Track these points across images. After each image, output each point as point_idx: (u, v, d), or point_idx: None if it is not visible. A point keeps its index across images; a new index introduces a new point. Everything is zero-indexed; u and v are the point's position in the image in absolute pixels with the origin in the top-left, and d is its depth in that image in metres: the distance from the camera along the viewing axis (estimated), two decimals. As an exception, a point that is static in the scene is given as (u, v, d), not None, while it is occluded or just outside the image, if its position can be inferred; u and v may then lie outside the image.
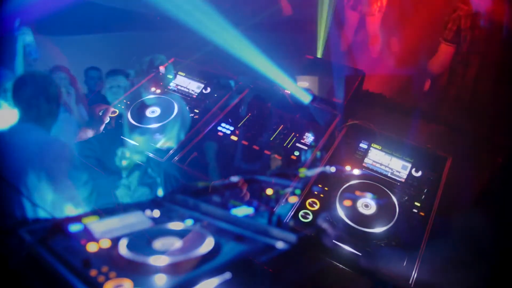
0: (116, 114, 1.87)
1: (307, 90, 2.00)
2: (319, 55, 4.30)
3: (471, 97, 2.53)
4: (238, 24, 2.35)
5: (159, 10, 2.71)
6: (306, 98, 1.90)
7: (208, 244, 0.77)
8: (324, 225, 1.42)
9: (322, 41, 4.46)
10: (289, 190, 1.53)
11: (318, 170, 1.62)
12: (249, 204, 1.46)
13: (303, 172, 1.61)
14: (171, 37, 2.78)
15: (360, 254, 1.35)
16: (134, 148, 1.73)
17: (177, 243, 0.77)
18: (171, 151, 1.71)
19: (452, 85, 2.60)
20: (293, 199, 1.52)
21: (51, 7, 2.25)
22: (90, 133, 1.45)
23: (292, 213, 1.47)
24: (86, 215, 0.83)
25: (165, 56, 2.21)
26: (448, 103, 2.58)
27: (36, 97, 1.42)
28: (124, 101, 1.95)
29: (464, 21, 2.42)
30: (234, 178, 1.48)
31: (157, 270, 0.68)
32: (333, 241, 1.39)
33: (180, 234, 0.81)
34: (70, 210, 1.25)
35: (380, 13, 4.32)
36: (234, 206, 1.45)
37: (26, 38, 2.26)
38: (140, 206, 0.93)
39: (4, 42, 2.11)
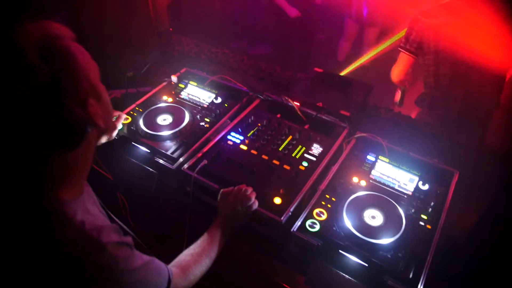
0: (129, 121, 1.91)
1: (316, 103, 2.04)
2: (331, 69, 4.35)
3: (459, 114, 2.53)
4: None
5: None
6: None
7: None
8: (331, 235, 1.44)
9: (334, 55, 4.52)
10: (297, 200, 1.55)
11: (326, 181, 1.64)
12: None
13: (310, 182, 1.63)
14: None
15: (367, 264, 1.37)
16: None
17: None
18: (181, 158, 1.74)
19: (435, 101, 2.59)
20: (300, 209, 1.54)
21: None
22: (103, 139, 1.49)
23: (300, 222, 1.48)
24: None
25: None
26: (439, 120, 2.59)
27: None
28: (137, 108, 1.99)
29: (427, 33, 2.39)
30: (243, 187, 1.51)
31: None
32: (340, 251, 1.41)
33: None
34: None
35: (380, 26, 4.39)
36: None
37: None
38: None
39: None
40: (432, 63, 2.44)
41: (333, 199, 1.58)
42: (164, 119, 1.92)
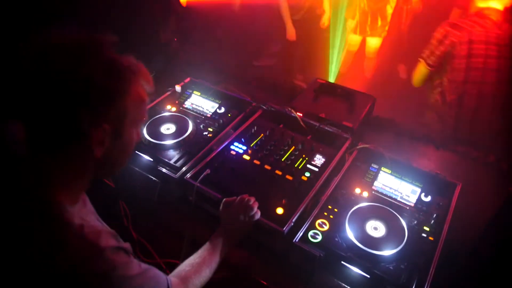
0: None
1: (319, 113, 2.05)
2: (331, 79, 4.39)
3: (470, 128, 2.53)
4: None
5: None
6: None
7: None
8: (333, 246, 1.44)
9: (334, 66, 4.56)
10: (299, 210, 1.55)
11: (328, 191, 1.64)
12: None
13: (312, 192, 1.63)
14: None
15: (369, 276, 1.36)
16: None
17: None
18: (184, 168, 1.74)
19: (448, 115, 2.60)
20: (303, 219, 1.54)
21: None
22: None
23: (302, 233, 1.48)
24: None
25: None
26: (447, 133, 2.59)
27: None
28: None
29: (458, 47, 2.41)
30: (246, 197, 1.51)
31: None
32: (342, 262, 1.40)
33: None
34: None
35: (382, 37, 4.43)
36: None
37: None
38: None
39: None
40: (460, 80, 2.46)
41: (335, 210, 1.58)
42: (168, 128, 1.93)
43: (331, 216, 1.55)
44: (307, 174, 1.72)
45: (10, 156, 0.98)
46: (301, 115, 2.02)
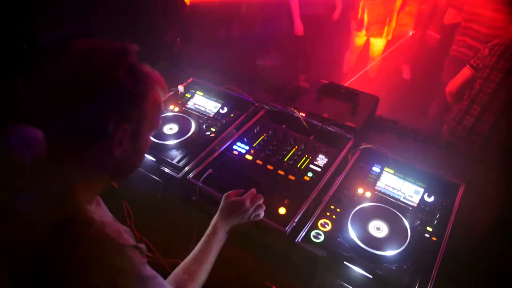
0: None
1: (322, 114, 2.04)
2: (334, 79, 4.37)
3: (489, 131, 2.53)
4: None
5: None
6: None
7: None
8: (336, 246, 1.44)
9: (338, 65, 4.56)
10: (302, 210, 1.55)
11: (331, 192, 1.64)
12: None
13: (315, 192, 1.63)
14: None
15: (371, 276, 1.36)
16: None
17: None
18: (186, 167, 1.75)
19: (469, 115, 2.60)
20: (305, 219, 1.54)
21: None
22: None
23: (304, 233, 1.48)
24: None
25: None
26: (462, 135, 2.59)
27: None
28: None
29: (499, 48, 2.44)
30: (254, 191, 1.51)
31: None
32: (344, 262, 1.40)
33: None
34: None
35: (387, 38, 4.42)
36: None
37: None
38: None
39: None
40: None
41: (338, 210, 1.58)
42: (170, 128, 1.93)
43: (334, 216, 1.55)
44: (310, 174, 1.72)
45: (30, 156, 1.00)
46: (304, 115, 2.02)
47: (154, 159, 1.80)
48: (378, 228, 1.48)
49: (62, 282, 0.87)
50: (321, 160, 1.79)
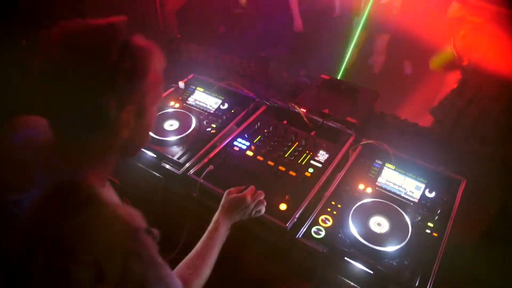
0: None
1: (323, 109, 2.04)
2: (337, 75, 4.36)
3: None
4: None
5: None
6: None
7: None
8: (336, 242, 1.44)
9: (342, 62, 4.54)
10: (302, 206, 1.55)
11: (331, 187, 1.64)
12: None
13: (315, 188, 1.63)
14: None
15: (372, 272, 1.36)
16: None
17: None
18: (187, 164, 1.75)
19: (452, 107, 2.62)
20: (306, 215, 1.54)
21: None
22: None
23: (305, 229, 1.48)
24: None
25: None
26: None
27: None
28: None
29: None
30: (254, 188, 1.51)
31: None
32: (345, 258, 1.40)
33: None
34: None
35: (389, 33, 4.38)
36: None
37: None
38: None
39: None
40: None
41: (339, 205, 1.58)
42: (171, 125, 1.93)
43: (335, 212, 1.55)
44: (311, 170, 1.72)
45: (37, 143, 0.99)
46: (304, 111, 2.02)
47: (155, 155, 1.80)
48: (379, 224, 1.48)
49: (76, 263, 0.84)
50: (322, 156, 1.79)
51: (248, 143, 1.84)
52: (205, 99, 2.14)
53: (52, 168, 0.94)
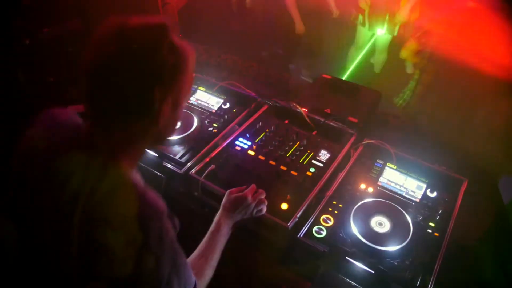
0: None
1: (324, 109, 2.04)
2: (340, 75, 4.36)
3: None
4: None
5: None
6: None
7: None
8: (338, 242, 1.44)
9: (343, 62, 4.53)
10: (304, 205, 1.55)
11: (333, 187, 1.64)
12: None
13: (317, 188, 1.63)
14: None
15: (373, 271, 1.36)
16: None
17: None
18: (189, 163, 1.75)
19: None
20: (307, 215, 1.54)
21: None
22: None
23: (306, 228, 1.48)
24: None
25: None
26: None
27: None
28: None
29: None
30: (255, 187, 1.51)
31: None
32: (346, 257, 1.40)
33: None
34: None
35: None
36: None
37: None
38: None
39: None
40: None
41: (340, 205, 1.58)
42: (173, 124, 1.93)
43: (336, 212, 1.55)
44: (312, 169, 1.72)
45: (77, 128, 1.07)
46: (306, 110, 2.02)
47: (157, 155, 1.81)
48: (381, 224, 1.48)
49: (109, 241, 0.90)
50: (324, 155, 1.79)
51: (249, 143, 1.85)
52: (207, 99, 2.14)
53: (88, 151, 0.99)
